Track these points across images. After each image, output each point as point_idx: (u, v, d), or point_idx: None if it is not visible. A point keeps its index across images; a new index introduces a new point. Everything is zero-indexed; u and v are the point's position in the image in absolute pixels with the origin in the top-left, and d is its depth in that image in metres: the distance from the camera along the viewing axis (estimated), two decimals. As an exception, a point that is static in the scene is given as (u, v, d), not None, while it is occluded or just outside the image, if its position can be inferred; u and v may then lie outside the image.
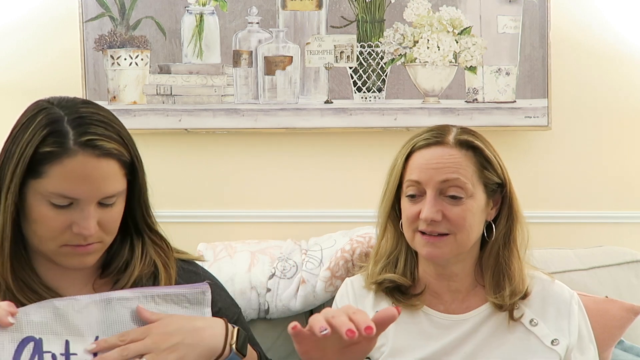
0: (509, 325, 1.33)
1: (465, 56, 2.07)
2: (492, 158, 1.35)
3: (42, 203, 1.09)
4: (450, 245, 1.31)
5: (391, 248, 1.41)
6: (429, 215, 1.29)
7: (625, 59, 2.11)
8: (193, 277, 1.25)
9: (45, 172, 1.07)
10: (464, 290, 1.37)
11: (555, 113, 2.08)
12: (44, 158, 1.07)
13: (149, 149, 2.15)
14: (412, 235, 1.34)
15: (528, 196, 1.94)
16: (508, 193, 1.37)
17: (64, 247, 1.11)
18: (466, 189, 1.30)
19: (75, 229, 1.09)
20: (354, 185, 2.13)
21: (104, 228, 1.12)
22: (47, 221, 1.09)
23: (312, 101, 2.09)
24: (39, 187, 1.08)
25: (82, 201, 1.09)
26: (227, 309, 1.26)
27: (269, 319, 1.85)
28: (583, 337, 1.36)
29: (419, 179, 1.32)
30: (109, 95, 2.09)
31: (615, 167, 2.13)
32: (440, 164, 1.31)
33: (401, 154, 1.37)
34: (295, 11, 2.09)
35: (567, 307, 1.36)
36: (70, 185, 1.07)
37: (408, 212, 1.33)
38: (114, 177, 1.11)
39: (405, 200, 1.35)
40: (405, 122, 2.07)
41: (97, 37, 2.08)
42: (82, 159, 1.07)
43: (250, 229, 2.12)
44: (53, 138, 1.07)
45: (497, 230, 1.36)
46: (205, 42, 2.09)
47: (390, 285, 1.38)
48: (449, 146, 1.33)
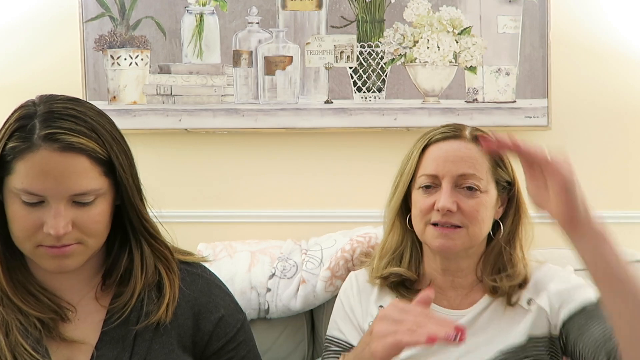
0: (506, 310, 1.33)
1: (465, 56, 2.07)
2: (504, 157, 1.37)
3: (15, 201, 1.05)
4: (463, 238, 1.31)
5: (397, 244, 1.42)
6: (445, 205, 1.29)
7: (625, 59, 2.11)
8: (197, 281, 1.22)
9: (13, 168, 1.04)
10: (467, 286, 1.38)
11: (555, 113, 2.08)
12: (10, 153, 1.04)
13: (149, 149, 2.18)
14: (424, 227, 1.33)
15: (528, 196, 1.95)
16: (516, 192, 1.38)
17: (39, 248, 1.07)
18: (481, 183, 1.32)
19: (45, 228, 1.04)
20: (354, 185, 2.13)
21: (82, 229, 1.07)
22: (19, 220, 1.06)
23: (312, 101, 2.09)
24: (10, 184, 1.05)
25: (50, 198, 1.04)
26: (231, 316, 1.23)
27: (269, 319, 1.85)
28: (566, 290, 1.34)
29: (436, 172, 1.32)
30: (109, 95, 2.09)
31: (615, 167, 2.12)
32: (458, 157, 1.32)
33: (416, 148, 1.37)
34: (295, 11, 2.09)
35: (561, 281, 1.36)
36: (34, 181, 1.03)
37: (421, 204, 1.33)
38: (83, 174, 1.05)
39: (417, 193, 1.35)
40: (405, 122, 2.07)
41: (97, 37, 2.08)
42: (45, 153, 1.03)
43: (250, 229, 2.12)
44: (19, 133, 1.04)
45: (504, 228, 1.37)
46: (205, 42, 2.09)
47: (395, 280, 1.39)
48: (466, 140, 1.35)
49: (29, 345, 1.06)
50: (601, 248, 1.06)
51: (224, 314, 1.21)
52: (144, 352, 1.12)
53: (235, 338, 1.22)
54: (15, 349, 1.06)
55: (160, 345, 1.14)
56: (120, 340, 1.13)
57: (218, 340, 1.20)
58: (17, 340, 1.06)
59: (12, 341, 1.06)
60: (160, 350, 1.14)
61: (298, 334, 1.86)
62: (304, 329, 1.86)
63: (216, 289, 1.24)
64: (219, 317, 1.19)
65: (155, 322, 1.14)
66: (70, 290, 1.15)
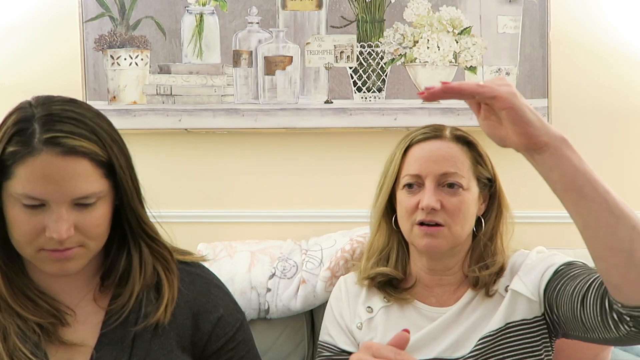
0: (485, 300, 1.35)
1: (465, 56, 2.07)
2: (484, 154, 1.40)
3: (15, 205, 1.04)
4: (446, 237, 1.34)
5: (383, 244, 1.44)
6: (429, 203, 1.31)
7: (625, 59, 2.11)
8: (196, 280, 1.22)
9: (13, 172, 1.03)
10: (454, 283, 1.40)
11: (555, 113, 2.08)
12: (10, 158, 1.03)
13: (149, 149, 2.18)
14: (410, 228, 1.35)
15: (528, 196, 1.95)
16: (497, 189, 1.41)
17: (41, 252, 1.06)
18: (463, 181, 1.34)
19: (47, 232, 1.03)
20: (354, 185, 2.13)
21: (84, 232, 1.06)
22: (20, 225, 1.04)
23: (312, 101, 2.09)
24: (10, 189, 1.04)
25: (52, 202, 1.03)
26: (230, 316, 1.23)
27: (269, 319, 1.85)
28: (535, 265, 1.34)
29: (419, 172, 1.35)
30: (109, 95, 2.09)
31: (615, 167, 2.12)
32: (440, 156, 1.35)
33: (399, 149, 1.40)
34: (295, 11, 2.09)
35: (530, 259, 1.36)
36: (35, 186, 1.02)
37: (406, 204, 1.35)
38: (85, 177, 1.04)
39: (402, 193, 1.37)
40: (405, 122, 2.07)
41: (97, 37, 2.08)
42: (46, 157, 1.02)
43: (250, 229, 2.12)
44: (19, 137, 1.03)
45: (486, 224, 1.40)
46: (205, 42, 2.09)
47: (382, 280, 1.40)
48: (447, 139, 1.38)
49: (27, 349, 1.06)
50: (567, 154, 1.04)
51: (223, 314, 1.21)
52: (143, 354, 1.12)
53: (235, 338, 1.22)
54: (14, 353, 1.05)
55: (159, 346, 1.14)
56: (119, 342, 1.12)
57: (217, 340, 1.20)
58: (16, 344, 1.05)
59: (11, 346, 1.05)
60: (159, 351, 1.13)
61: (298, 334, 1.86)
62: (304, 329, 1.86)
63: (215, 289, 1.24)
64: (218, 317, 1.19)
65: (154, 323, 1.13)
66: (69, 293, 1.14)
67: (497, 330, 1.30)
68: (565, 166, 1.03)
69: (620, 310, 1.05)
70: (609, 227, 1.02)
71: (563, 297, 1.23)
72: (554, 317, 1.28)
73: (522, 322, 1.31)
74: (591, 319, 1.14)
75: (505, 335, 1.30)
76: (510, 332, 1.30)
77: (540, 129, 1.03)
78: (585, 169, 1.04)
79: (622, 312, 1.05)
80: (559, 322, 1.27)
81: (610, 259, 1.03)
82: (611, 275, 1.04)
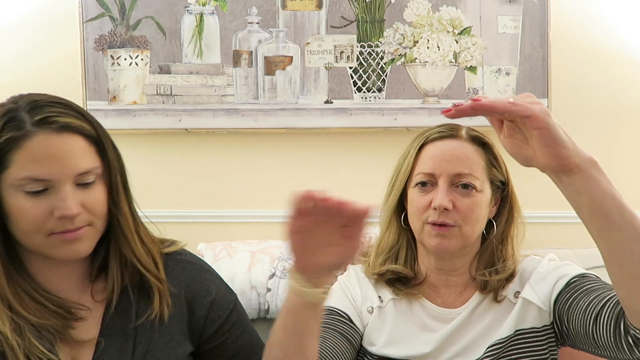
0: (494, 305, 1.34)
1: (465, 56, 2.07)
2: (499, 157, 1.38)
3: (17, 195, 1.05)
4: (457, 237, 1.32)
5: (393, 242, 1.43)
6: (442, 203, 1.30)
7: (625, 59, 2.11)
8: (187, 267, 1.22)
9: (10, 160, 1.04)
10: (461, 284, 1.39)
11: (555, 113, 2.06)
12: (4, 147, 1.04)
13: (149, 149, 2.18)
14: (421, 227, 1.34)
15: (528, 196, 1.94)
16: (509, 192, 1.40)
17: (51, 237, 1.06)
18: (477, 183, 1.33)
19: (56, 213, 1.04)
20: (354, 185, 2.12)
21: (90, 210, 1.07)
22: (26, 213, 1.05)
23: (312, 101, 2.09)
24: (9, 179, 1.05)
25: (55, 182, 1.04)
26: (222, 299, 1.23)
27: (269, 319, 1.85)
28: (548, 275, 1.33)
29: (432, 171, 1.33)
30: (109, 95, 2.09)
31: (615, 167, 2.12)
32: (454, 156, 1.33)
33: (413, 147, 1.38)
34: (295, 11, 2.09)
35: (542, 267, 1.36)
36: (36, 167, 1.03)
37: (418, 203, 1.34)
38: (82, 153, 1.06)
39: (414, 192, 1.36)
40: (405, 122, 2.07)
41: (97, 37, 2.08)
42: (42, 137, 1.03)
43: (250, 229, 2.12)
44: (10, 124, 1.04)
45: (497, 227, 1.39)
46: (205, 42, 2.09)
47: (391, 277, 1.40)
48: (463, 139, 1.36)
49: (44, 347, 1.07)
50: (597, 177, 0.99)
51: (215, 297, 1.22)
52: (146, 342, 1.14)
53: (229, 319, 1.23)
54: (30, 350, 1.06)
55: (160, 335, 1.15)
56: (122, 332, 1.14)
57: (213, 323, 1.21)
58: (32, 342, 1.06)
59: (27, 343, 1.06)
60: (160, 340, 1.15)
61: (298, 334, 1.86)
62: (304, 329, 1.86)
63: (206, 274, 1.25)
64: (211, 300, 1.20)
65: (152, 317, 1.15)
66: (71, 290, 1.15)
67: (507, 337, 1.29)
68: (594, 190, 0.99)
69: (638, 336, 1.05)
70: (634, 255, 0.99)
71: (575, 311, 1.22)
72: (563, 328, 1.28)
73: (531, 330, 1.30)
74: (604, 339, 1.13)
75: (514, 343, 1.30)
76: (519, 339, 1.30)
77: (572, 150, 0.98)
78: (614, 194, 1.00)
79: (639, 338, 1.05)
80: (568, 334, 1.27)
81: (633, 286, 1.00)
82: (633, 303, 1.02)
